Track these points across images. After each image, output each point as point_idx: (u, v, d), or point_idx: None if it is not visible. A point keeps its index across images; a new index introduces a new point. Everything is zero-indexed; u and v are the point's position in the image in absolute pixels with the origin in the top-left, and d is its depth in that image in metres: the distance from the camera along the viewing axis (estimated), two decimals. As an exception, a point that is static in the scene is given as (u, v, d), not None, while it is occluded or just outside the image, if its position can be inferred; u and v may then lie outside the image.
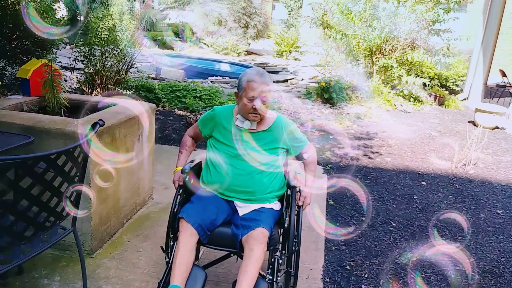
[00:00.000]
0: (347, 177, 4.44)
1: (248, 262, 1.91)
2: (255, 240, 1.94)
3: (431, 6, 8.48)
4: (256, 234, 1.95)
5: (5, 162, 1.62)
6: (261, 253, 1.93)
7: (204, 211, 2.06)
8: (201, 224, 2.00)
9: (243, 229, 2.00)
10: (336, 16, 9.03)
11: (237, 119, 2.23)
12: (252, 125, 2.21)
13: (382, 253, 3.01)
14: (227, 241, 2.06)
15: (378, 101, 8.12)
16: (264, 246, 1.95)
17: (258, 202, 2.16)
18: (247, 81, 2.12)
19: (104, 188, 2.63)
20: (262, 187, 2.16)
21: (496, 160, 5.40)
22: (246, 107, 2.13)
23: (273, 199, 2.21)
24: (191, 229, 1.97)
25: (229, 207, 2.18)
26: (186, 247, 1.94)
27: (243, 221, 2.06)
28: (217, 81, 9.75)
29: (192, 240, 1.97)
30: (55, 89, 2.85)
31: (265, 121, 2.24)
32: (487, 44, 9.11)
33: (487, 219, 3.70)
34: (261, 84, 2.10)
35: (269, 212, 2.13)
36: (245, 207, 2.14)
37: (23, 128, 2.44)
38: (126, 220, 3.05)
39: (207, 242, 2.06)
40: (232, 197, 2.18)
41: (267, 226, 1.99)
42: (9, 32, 4.13)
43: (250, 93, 2.10)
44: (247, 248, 1.95)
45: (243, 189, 2.15)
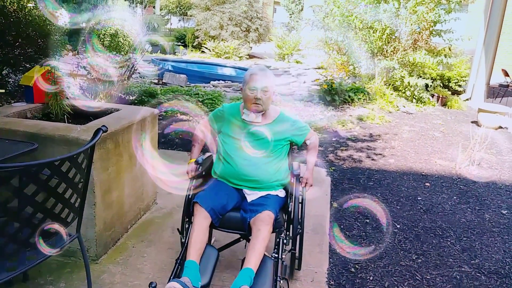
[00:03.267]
0: (352, 180, 4.44)
1: (255, 241, 2.11)
2: (262, 221, 2.16)
3: (432, 7, 8.47)
4: (263, 216, 2.18)
5: (9, 170, 1.63)
6: (267, 233, 2.15)
7: (216, 197, 2.29)
8: (214, 208, 2.23)
9: (251, 212, 2.23)
10: (337, 18, 9.03)
11: (243, 113, 2.46)
12: (257, 118, 2.43)
13: (387, 255, 3.00)
14: (237, 224, 2.29)
15: (380, 102, 8.11)
16: (270, 227, 2.17)
17: (265, 190, 2.38)
18: (250, 75, 2.38)
19: (108, 194, 2.64)
20: (268, 176, 2.39)
21: (500, 160, 5.38)
22: (249, 97, 2.36)
23: (278, 187, 2.44)
24: (204, 212, 2.19)
25: (238, 195, 2.41)
26: (200, 228, 2.16)
27: (251, 206, 2.30)
28: (219, 85, 9.77)
29: (205, 222, 2.19)
30: (58, 96, 2.86)
31: (269, 115, 2.48)
32: (489, 44, 9.09)
33: (492, 220, 3.69)
34: (262, 76, 2.36)
35: (275, 198, 2.37)
36: (253, 194, 2.37)
37: (27, 135, 2.46)
38: (131, 225, 3.06)
39: (219, 225, 2.29)
40: (241, 185, 2.41)
41: (273, 209, 2.22)
42: (12, 39, 4.16)
43: (252, 84, 2.34)
44: (254, 228, 2.17)
45: (250, 178, 2.37)
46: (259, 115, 2.43)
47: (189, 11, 22.95)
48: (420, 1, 8.42)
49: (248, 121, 2.44)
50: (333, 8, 9.17)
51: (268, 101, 2.40)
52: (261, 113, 2.43)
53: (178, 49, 18.08)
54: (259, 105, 2.36)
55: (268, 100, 2.39)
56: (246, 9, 17.98)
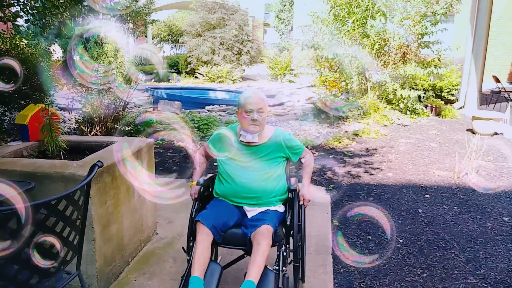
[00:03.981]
0: (352, 196, 4.43)
1: (256, 254, 2.20)
2: (261, 235, 2.24)
3: (418, 20, 8.64)
4: (262, 230, 2.26)
5: (6, 212, 1.62)
6: (267, 246, 2.23)
7: (217, 215, 2.39)
8: (215, 225, 2.31)
9: (251, 228, 2.31)
10: (326, 36, 9.18)
11: (240, 135, 2.58)
12: (254, 138, 2.54)
13: (391, 272, 2.97)
14: (238, 240, 2.37)
15: (375, 116, 8.17)
16: (269, 240, 2.24)
17: (264, 206, 2.48)
18: (245, 98, 2.52)
19: (107, 228, 2.63)
20: (267, 192, 2.49)
21: (498, 167, 5.39)
22: (246, 120, 2.49)
23: (277, 203, 2.53)
24: (206, 229, 2.28)
25: (239, 212, 2.50)
26: (203, 245, 2.25)
27: (251, 221, 2.39)
28: (214, 109, 9.83)
29: (208, 239, 2.27)
30: (53, 133, 2.88)
31: (264, 135, 2.60)
32: (478, 52, 9.24)
33: (494, 228, 3.68)
34: (256, 99, 2.50)
35: (274, 213, 2.46)
36: (253, 211, 2.47)
37: (24, 174, 2.46)
38: (131, 258, 3.03)
39: (222, 242, 2.37)
40: (241, 203, 2.51)
41: (272, 223, 2.31)
42: (7, 78, 4.21)
43: (248, 107, 2.48)
44: (255, 243, 2.24)
45: (250, 195, 2.48)
46: (255, 135, 2.54)
47: (181, 38, 23.28)
48: (406, 15, 8.58)
49: (245, 142, 2.56)
50: (321, 27, 9.32)
51: (264, 121, 2.53)
52: (257, 134, 2.55)
53: (171, 76, 18.25)
54: (256, 126, 2.49)
55: (263, 121, 2.52)
56: (237, 32, 18.23)
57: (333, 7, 9.17)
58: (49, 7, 4.56)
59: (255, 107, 2.47)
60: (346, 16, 9.00)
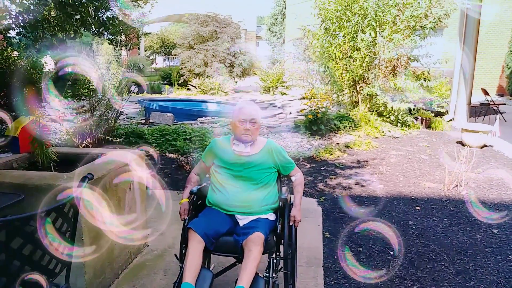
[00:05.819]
0: (343, 208, 4.45)
1: (247, 260, 2.24)
2: (252, 243, 2.28)
3: (407, 33, 8.78)
4: (253, 237, 2.29)
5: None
6: (258, 253, 2.27)
7: (208, 222, 2.43)
8: (207, 233, 2.35)
9: (243, 235, 2.35)
10: (317, 50, 9.28)
11: (233, 145, 2.63)
12: (247, 148, 2.60)
13: (382, 284, 2.98)
14: (230, 248, 2.41)
15: (366, 129, 8.24)
16: (260, 247, 2.28)
17: (255, 214, 2.53)
18: (239, 108, 2.60)
19: (97, 239, 2.61)
20: (258, 201, 2.54)
21: (487, 179, 5.45)
22: (239, 129, 2.55)
23: (268, 211, 2.57)
24: (198, 237, 2.31)
25: (231, 220, 2.54)
26: (194, 252, 2.29)
27: (243, 229, 2.43)
28: (206, 121, 9.84)
29: (199, 246, 2.31)
30: (43, 145, 2.87)
31: (257, 145, 2.65)
32: (467, 65, 9.37)
33: (484, 240, 3.70)
34: (249, 109, 2.59)
35: (265, 221, 2.50)
36: (244, 219, 2.51)
37: (13, 186, 2.45)
38: (121, 270, 3.01)
39: (214, 250, 2.41)
40: (233, 211, 2.54)
41: (263, 231, 2.35)
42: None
43: (241, 117, 2.55)
44: (246, 250, 2.29)
45: (241, 204, 2.52)
46: (248, 145, 2.60)
47: (173, 50, 23.37)
48: (396, 29, 8.72)
49: (238, 151, 2.61)
50: (312, 41, 9.43)
51: (256, 131, 2.60)
52: (250, 144, 2.61)
53: (164, 87, 18.27)
54: (248, 135, 2.56)
55: (256, 131, 2.60)
56: (229, 45, 18.36)
57: (324, 21, 9.30)
58: (41, 21, 4.57)
59: (248, 117, 2.54)
60: (336, 29, 9.12)
